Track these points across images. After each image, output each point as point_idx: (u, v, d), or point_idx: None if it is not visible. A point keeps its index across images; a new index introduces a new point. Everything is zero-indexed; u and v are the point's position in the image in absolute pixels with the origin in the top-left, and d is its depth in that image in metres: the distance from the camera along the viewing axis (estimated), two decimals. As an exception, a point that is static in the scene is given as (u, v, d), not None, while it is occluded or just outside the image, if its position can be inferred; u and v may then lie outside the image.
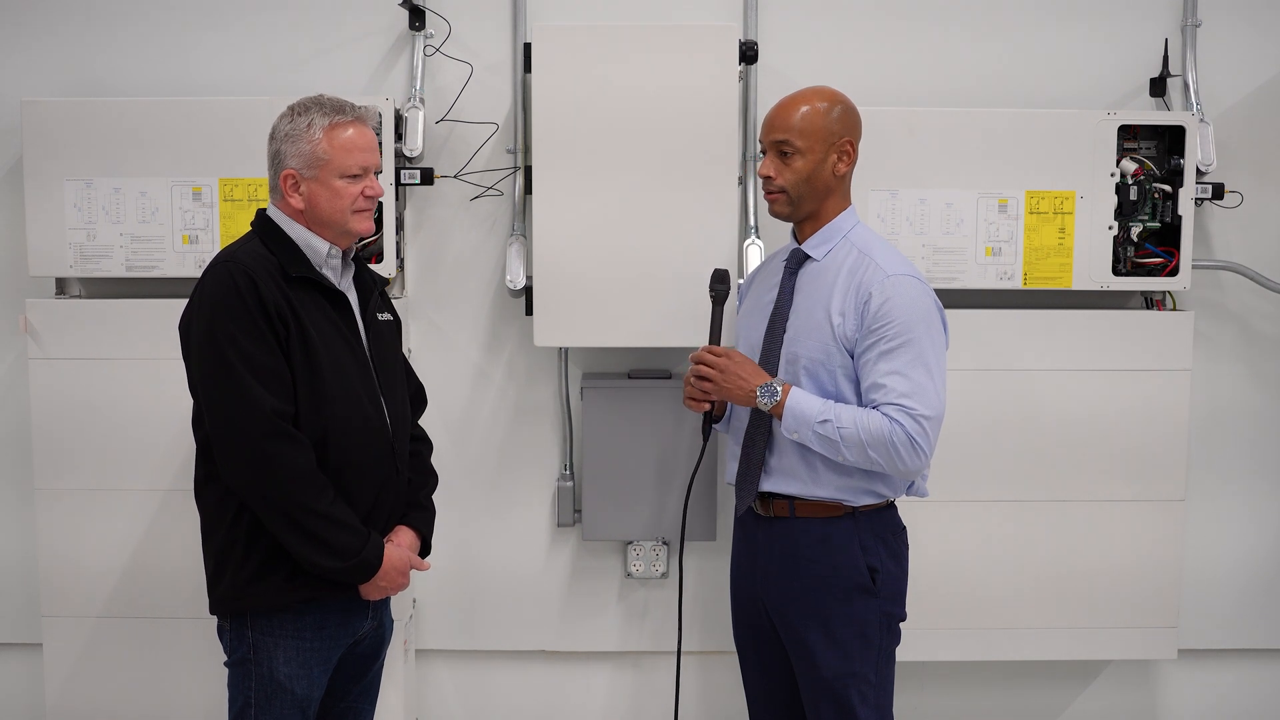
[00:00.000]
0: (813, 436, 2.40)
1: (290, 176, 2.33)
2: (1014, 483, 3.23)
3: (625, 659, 3.50)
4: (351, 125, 2.34)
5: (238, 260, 2.29)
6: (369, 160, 2.36)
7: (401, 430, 2.48)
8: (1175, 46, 3.32)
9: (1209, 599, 3.48)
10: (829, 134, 2.46)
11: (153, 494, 3.15)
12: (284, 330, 2.27)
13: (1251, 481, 3.47)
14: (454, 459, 3.35)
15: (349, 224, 2.36)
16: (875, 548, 2.47)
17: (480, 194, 3.32)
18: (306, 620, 2.34)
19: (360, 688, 2.54)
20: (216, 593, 2.37)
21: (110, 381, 3.13)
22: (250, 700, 2.35)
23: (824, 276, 2.48)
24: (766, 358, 2.51)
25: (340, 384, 2.33)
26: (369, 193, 2.36)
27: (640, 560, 3.39)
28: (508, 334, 3.38)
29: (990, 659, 3.32)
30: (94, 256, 3.15)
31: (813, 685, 2.48)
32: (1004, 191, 3.18)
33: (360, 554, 2.30)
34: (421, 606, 3.43)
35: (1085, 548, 3.24)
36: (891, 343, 2.37)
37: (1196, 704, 3.56)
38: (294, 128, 2.32)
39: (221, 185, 3.14)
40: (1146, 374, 3.21)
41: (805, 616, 2.47)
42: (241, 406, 2.22)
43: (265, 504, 2.25)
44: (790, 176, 2.47)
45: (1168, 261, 3.21)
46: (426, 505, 2.57)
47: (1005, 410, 3.21)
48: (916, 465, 2.38)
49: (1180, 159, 3.17)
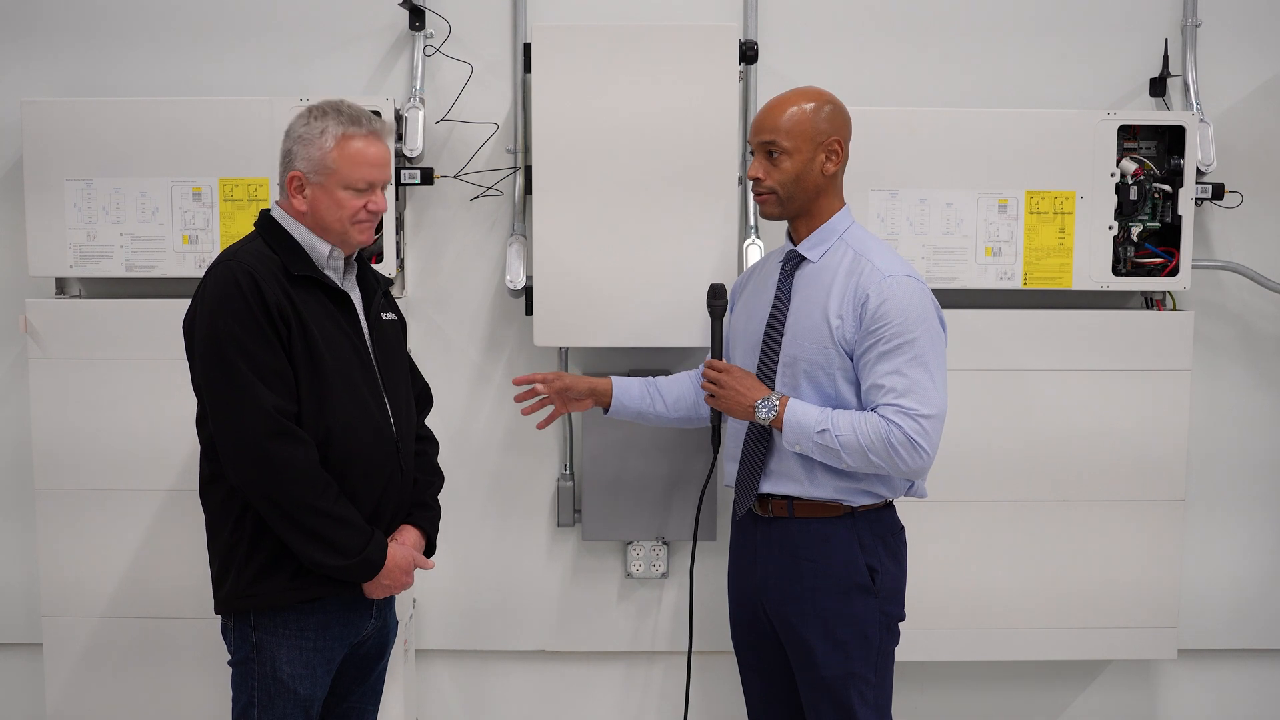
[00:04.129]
0: (813, 447, 2.40)
1: (297, 178, 2.34)
2: (1014, 483, 3.23)
3: (625, 659, 3.49)
4: (365, 139, 2.34)
5: (240, 260, 2.30)
6: (376, 176, 2.36)
7: (406, 429, 2.48)
8: (1175, 46, 3.32)
9: (1209, 599, 3.48)
10: (816, 134, 2.46)
11: (153, 494, 3.15)
12: (286, 330, 2.27)
13: (1251, 481, 3.47)
14: (454, 459, 3.35)
15: (348, 234, 2.37)
16: (874, 547, 2.47)
17: (480, 194, 3.32)
18: (310, 620, 2.34)
19: (364, 688, 2.55)
20: (221, 592, 2.37)
21: (110, 381, 3.13)
22: (253, 700, 2.35)
23: (821, 278, 2.48)
24: (765, 361, 2.51)
25: (343, 383, 2.33)
26: (372, 207, 2.37)
27: (640, 560, 3.39)
28: (508, 334, 3.38)
29: (990, 659, 3.32)
30: (94, 256, 3.15)
31: (812, 685, 2.48)
32: (1004, 191, 3.18)
33: (363, 552, 2.30)
34: (422, 606, 3.43)
35: (1085, 548, 3.24)
36: (890, 343, 2.37)
37: (1196, 704, 3.56)
38: (308, 131, 2.33)
39: (221, 185, 3.14)
40: (1146, 374, 3.21)
41: (804, 617, 2.47)
42: (244, 405, 2.23)
43: (268, 503, 2.25)
44: (779, 177, 2.47)
45: (1168, 261, 3.21)
46: (432, 504, 2.57)
47: (1005, 410, 3.21)
48: (919, 465, 2.38)
49: (1180, 159, 3.17)
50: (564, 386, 2.74)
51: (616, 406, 2.76)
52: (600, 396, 2.75)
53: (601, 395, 2.75)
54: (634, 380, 2.79)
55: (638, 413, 2.77)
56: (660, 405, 2.76)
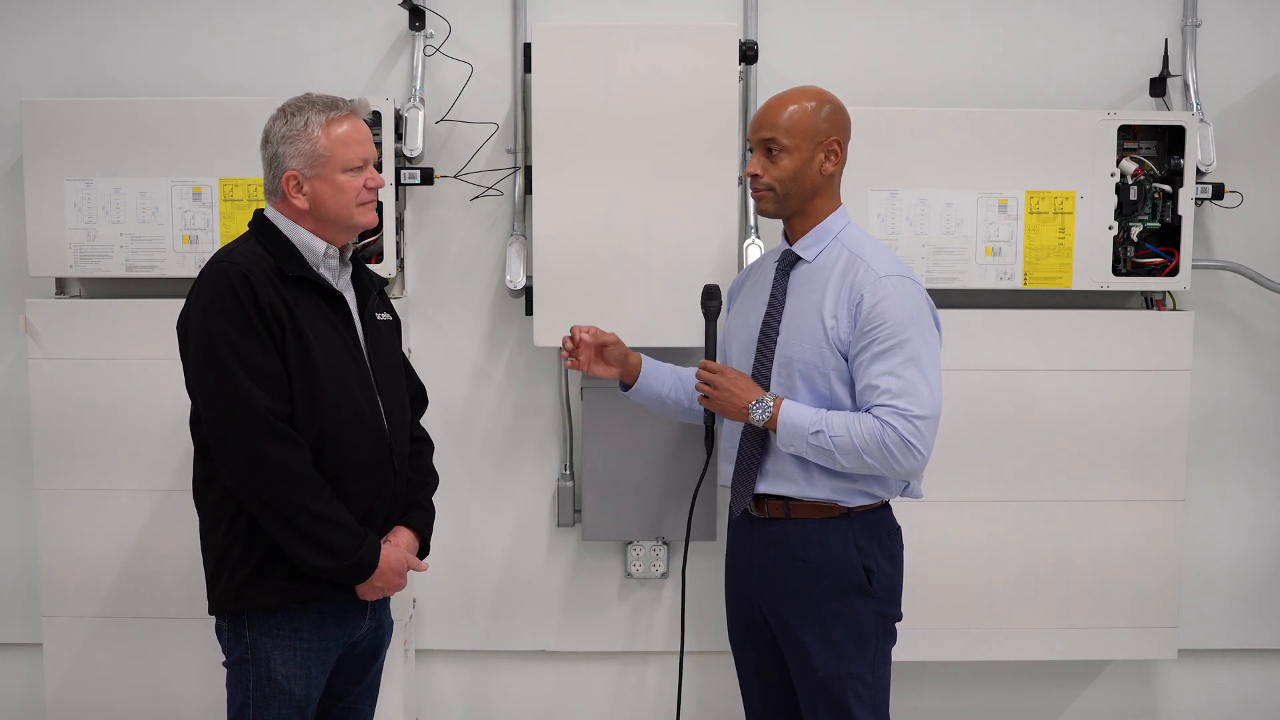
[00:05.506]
0: (807, 449, 2.40)
1: (293, 178, 2.34)
2: (1013, 482, 3.23)
3: (625, 659, 3.49)
4: (347, 120, 2.36)
5: (233, 260, 2.30)
6: (368, 152, 2.38)
7: (400, 430, 2.47)
8: (1175, 46, 3.32)
9: (1209, 599, 3.48)
10: (816, 133, 2.46)
11: (152, 494, 3.15)
12: (279, 330, 2.27)
13: (1251, 481, 3.47)
14: (454, 459, 3.35)
15: (354, 218, 2.38)
16: (871, 548, 2.47)
17: (480, 194, 3.32)
18: (304, 620, 2.34)
19: (360, 689, 2.54)
20: (215, 593, 2.37)
21: (110, 381, 3.13)
22: (248, 700, 2.35)
23: (816, 278, 2.48)
24: (760, 361, 2.51)
25: (336, 384, 2.33)
26: (370, 184, 2.38)
27: (640, 560, 3.39)
28: (508, 334, 3.38)
29: (990, 659, 3.32)
30: (94, 256, 3.15)
31: (809, 686, 2.48)
32: (1004, 191, 3.18)
33: (356, 554, 2.30)
34: (421, 606, 3.43)
35: (1085, 548, 3.24)
36: (885, 344, 2.37)
37: (1196, 704, 3.56)
38: (290, 129, 2.33)
39: (221, 185, 3.14)
40: (1146, 374, 3.21)
41: (801, 617, 2.47)
42: (236, 406, 2.23)
43: (261, 503, 2.25)
44: (777, 174, 2.47)
45: (1168, 261, 3.21)
46: (426, 506, 2.56)
47: (1005, 410, 3.21)
48: (913, 465, 2.37)
49: (1180, 159, 3.17)
50: (604, 344, 2.66)
51: (640, 385, 2.69)
52: (630, 370, 2.69)
53: (631, 369, 2.69)
54: (665, 365, 2.74)
55: (658, 397, 2.71)
56: (681, 393, 2.70)
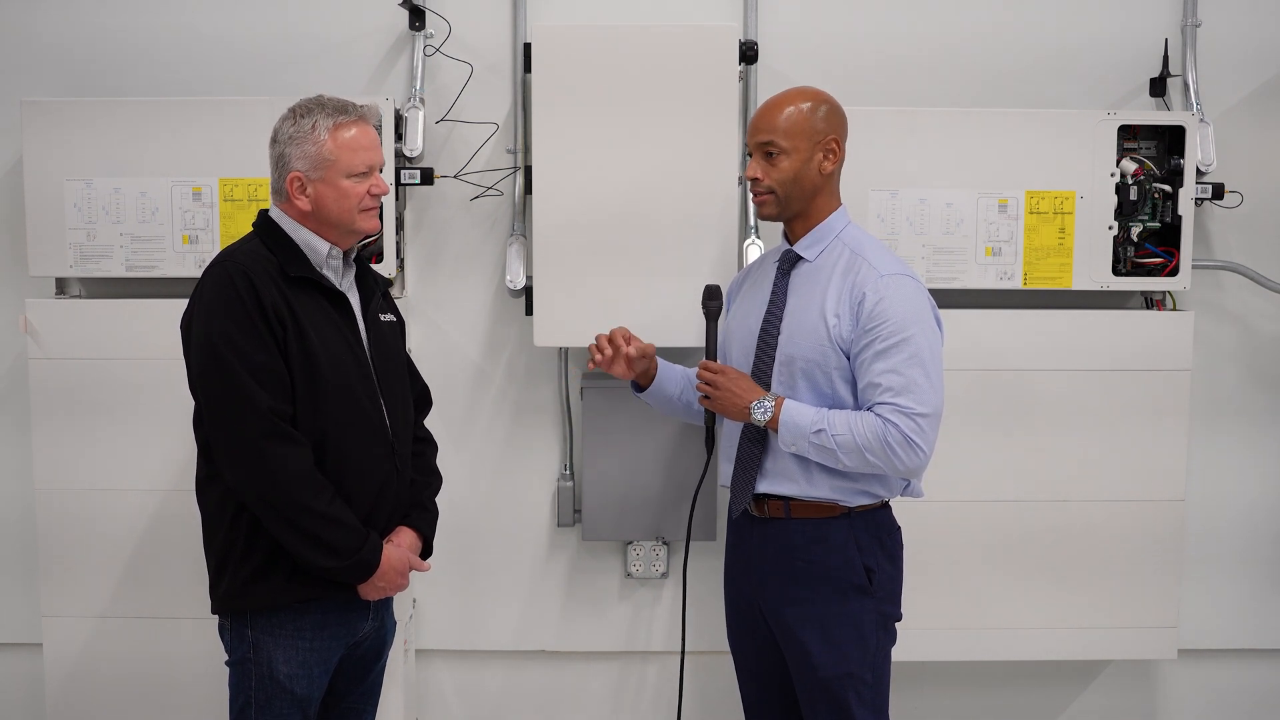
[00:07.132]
0: (809, 448, 2.40)
1: (297, 179, 2.34)
2: (1013, 482, 3.23)
3: (625, 659, 3.49)
4: (355, 125, 2.36)
5: (236, 260, 2.30)
6: (374, 159, 2.38)
7: (402, 431, 2.48)
8: (1175, 46, 3.32)
9: (1209, 599, 3.48)
10: (814, 133, 2.46)
11: (152, 494, 3.15)
12: (282, 330, 2.28)
13: (1251, 482, 3.47)
14: (454, 459, 3.35)
15: (356, 223, 2.37)
16: (871, 547, 2.47)
17: (480, 194, 3.32)
18: (307, 620, 2.34)
19: (362, 689, 2.55)
20: (217, 592, 2.37)
21: (110, 381, 3.13)
22: (250, 700, 2.35)
23: (817, 277, 2.48)
24: (761, 361, 2.51)
25: (339, 384, 2.33)
26: (375, 190, 2.38)
27: (640, 560, 3.39)
28: (508, 334, 3.38)
29: (990, 659, 3.32)
30: (94, 256, 3.15)
31: (809, 686, 2.48)
32: (1004, 191, 3.18)
33: (358, 553, 2.30)
34: (421, 606, 3.43)
35: (1085, 548, 3.24)
36: (886, 342, 2.37)
37: (1196, 704, 3.56)
38: (298, 130, 2.33)
39: (221, 185, 3.14)
40: (1146, 374, 3.21)
41: (801, 617, 2.47)
42: (239, 405, 2.23)
43: (263, 503, 2.26)
44: (777, 176, 2.47)
45: (1168, 261, 3.21)
46: (429, 506, 2.56)
47: (1005, 410, 3.21)
48: (916, 464, 2.37)
49: (1180, 159, 3.17)
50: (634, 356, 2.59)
51: (655, 388, 2.69)
52: (646, 372, 2.68)
53: (647, 373, 2.68)
54: (676, 366, 2.74)
55: (669, 398, 2.71)
56: (690, 394, 2.69)
